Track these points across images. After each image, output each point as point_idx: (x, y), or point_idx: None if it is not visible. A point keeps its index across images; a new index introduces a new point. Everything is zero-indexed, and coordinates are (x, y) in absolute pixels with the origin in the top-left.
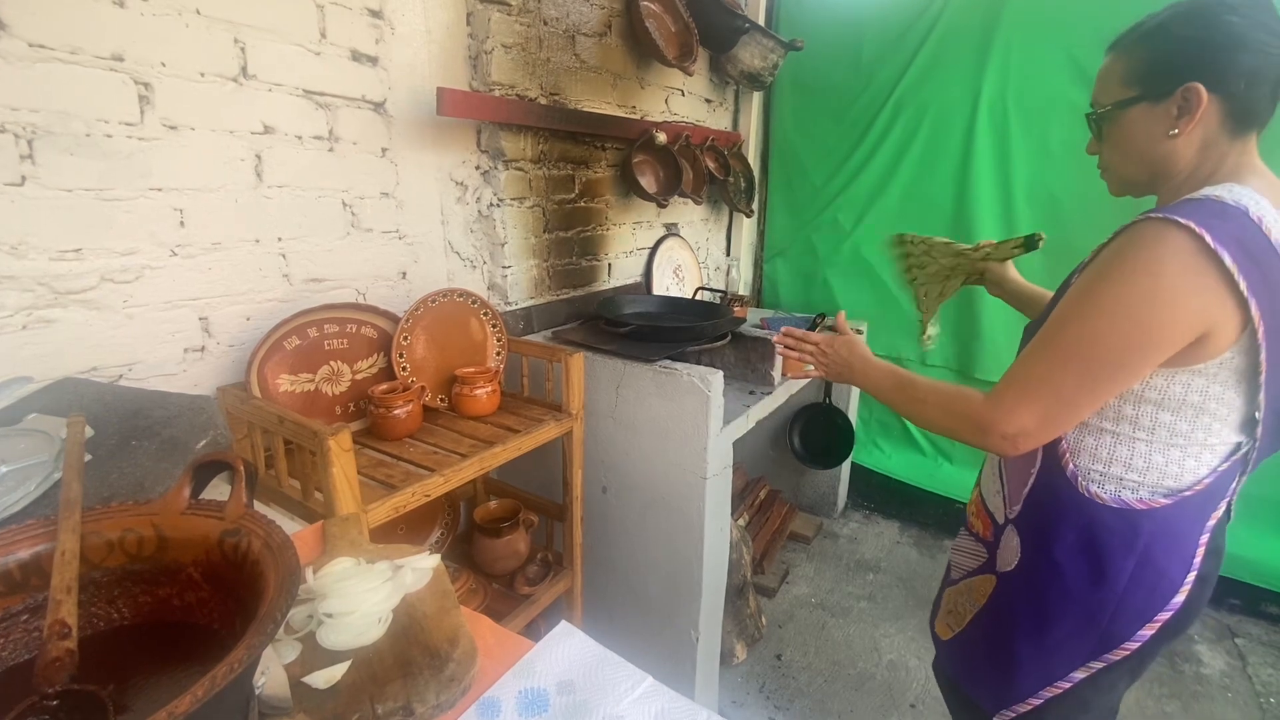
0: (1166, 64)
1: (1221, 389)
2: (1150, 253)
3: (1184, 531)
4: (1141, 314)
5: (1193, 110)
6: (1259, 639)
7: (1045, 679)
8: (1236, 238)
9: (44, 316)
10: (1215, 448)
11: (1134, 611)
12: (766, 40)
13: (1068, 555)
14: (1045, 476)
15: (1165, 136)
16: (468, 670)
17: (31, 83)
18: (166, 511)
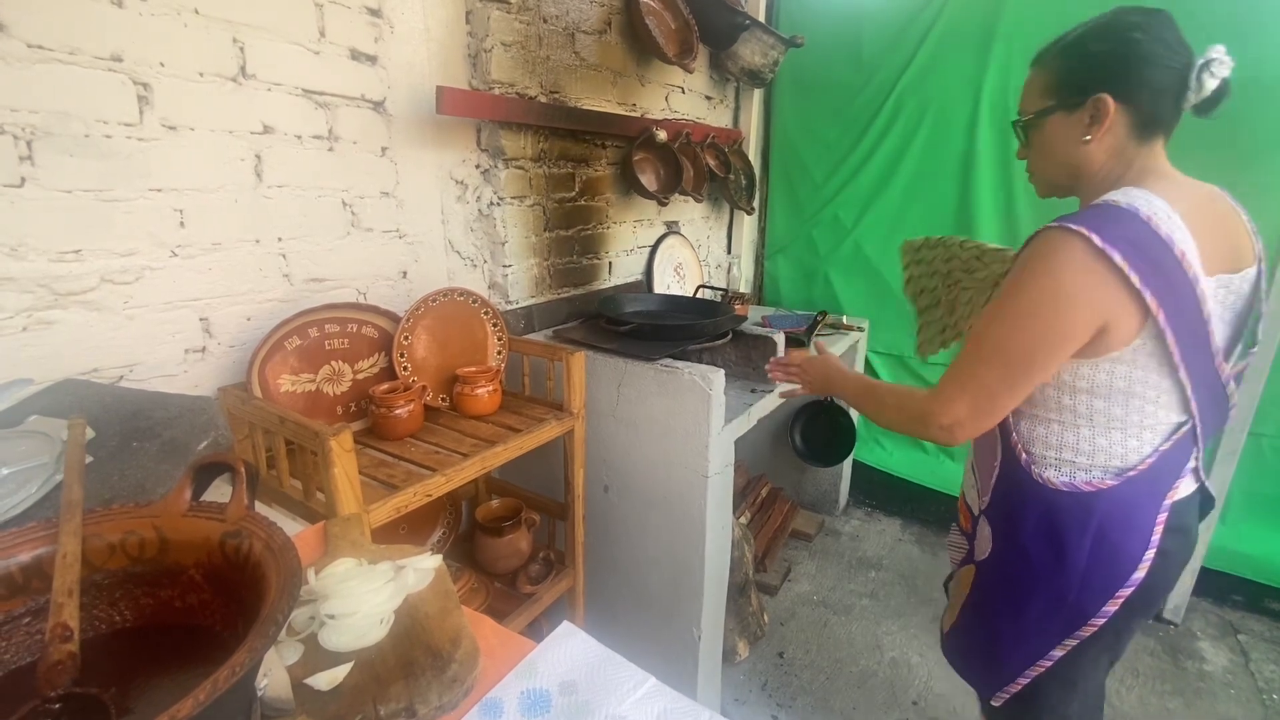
0: (1079, 77)
1: (1144, 373)
2: (1049, 259)
3: (1138, 509)
4: (1045, 314)
5: (1102, 119)
6: (1261, 635)
7: (1027, 659)
8: (1126, 237)
9: (44, 318)
10: (1155, 427)
11: (1096, 588)
12: (767, 37)
13: (1031, 539)
14: (1006, 467)
15: (1080, 142)
16: (470, 671)
17: (30, 83)
18: (168, 513)
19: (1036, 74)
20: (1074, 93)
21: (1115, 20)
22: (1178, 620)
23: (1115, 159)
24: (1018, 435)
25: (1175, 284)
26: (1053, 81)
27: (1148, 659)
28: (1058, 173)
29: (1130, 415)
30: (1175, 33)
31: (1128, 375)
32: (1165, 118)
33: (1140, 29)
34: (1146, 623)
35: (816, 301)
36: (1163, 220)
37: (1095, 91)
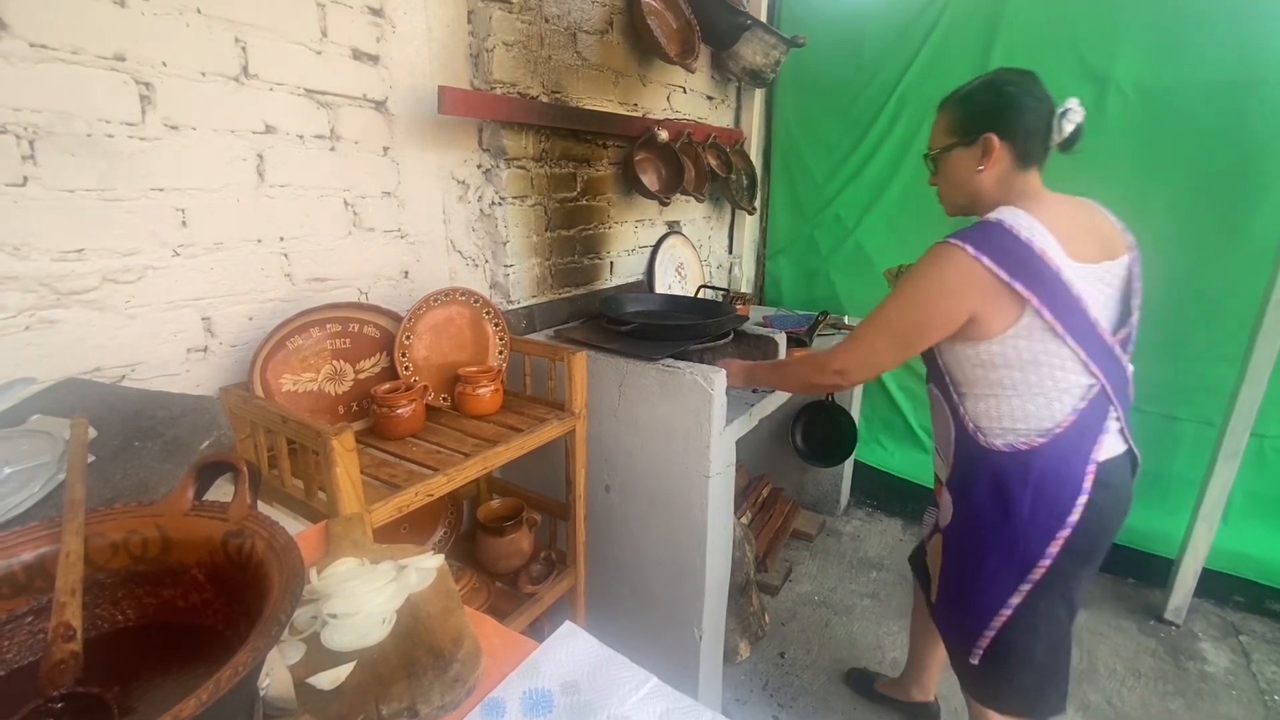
0: (971, 120)
1: (1041, 344)
2: (935, 263)
3: (1067, 463)
4: (927, 302)
5: (990, 153)
6: (1263, 636)
7: (991, 608)
8: (993, 244)
9: (46, 317)
10: (1070, 390)
11: (1039, 534)
12: (769, 37)
13: (983, 498)
14: (960, 439)
15: (974, 172)
16: (472, 671)
17: (33, 83)
18: (170, 513)
19: (941, 118)
20: (969, 133)
21: (997, 78)
22: (1179, 621)
23: (1001, 184)
24: (965, 411)
25: (1041, 273)
26: (953, 124)
27: (1149, 660)
28: (959, 196)
29: (1045, 381)
30: (1041, 88)
31: (1029, 348)
32: (1036, 153)
33: (1015, 84)
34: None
35: (818, 301)
36: (1024, 229)
37: (984, 132)
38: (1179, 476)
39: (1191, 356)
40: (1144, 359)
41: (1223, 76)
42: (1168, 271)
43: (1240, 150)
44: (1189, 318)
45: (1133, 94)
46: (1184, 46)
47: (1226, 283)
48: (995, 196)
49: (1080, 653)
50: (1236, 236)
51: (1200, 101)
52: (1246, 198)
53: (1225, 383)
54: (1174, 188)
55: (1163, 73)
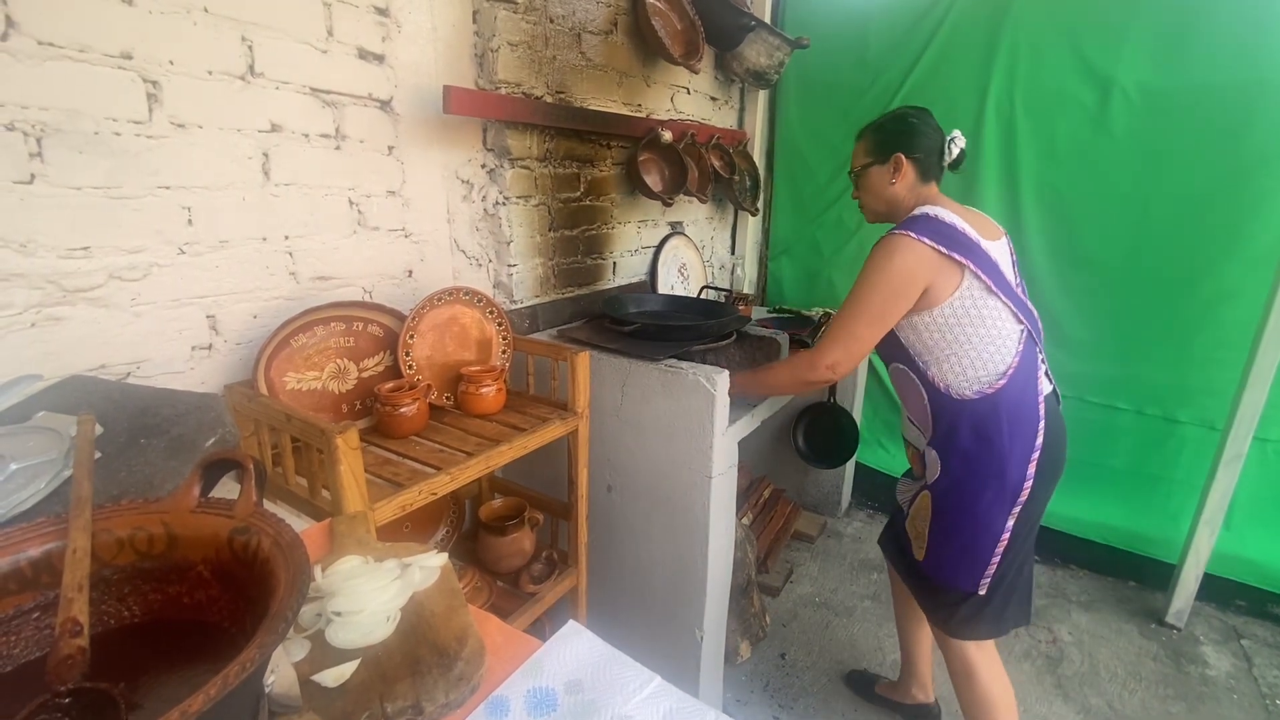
0: (884, 144)
1: (981, 300)
2: (889, 249)
3: (1024, 397)
4: (889, 283)
5: (900, 169)
6: (1265, 640)
7: (993, 540)
8: (929, 229)
9: (52, 314)
10: (1009, 336)
11: (1019, 458)
12: (772, 38)
13: (969, 442)
14: (935, 402)
15: (888, 185)
16: (476, 669)
17: (41, 81)
18: (176, 509)
19: (859, 144)
20: (882, 154)
21: (901, 112)
22: (1181, 625)
23: (910, 193)
24: (933, 375)
25: (968, 246)
26: (869, 147)
27: (1150, 663)
28: (878, 205)
29: (990, 331)
30: (934, 121)
31: (973, 305)
32: (934, 170)
33: (915, 117)
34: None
35: (820, 303)
36: (946, 216)
37: (894, 152)
38: (1181, 480)
39: (1194, 359)
40: (1146, 361)
41: (1227, 79)
42: (1170, 274)
43: (1244, 153)
44: (1191, 320)
45: (1136, 96)
46: (1188, 48)
47: (1229, 285)
48: (907, 203)
49: (1082, 656)
50: (1240, 239)
51: (1204, 104)
52: (1250, 200)
53: (1228, 386)
54: (1177, 190)
55: (1166, 75)
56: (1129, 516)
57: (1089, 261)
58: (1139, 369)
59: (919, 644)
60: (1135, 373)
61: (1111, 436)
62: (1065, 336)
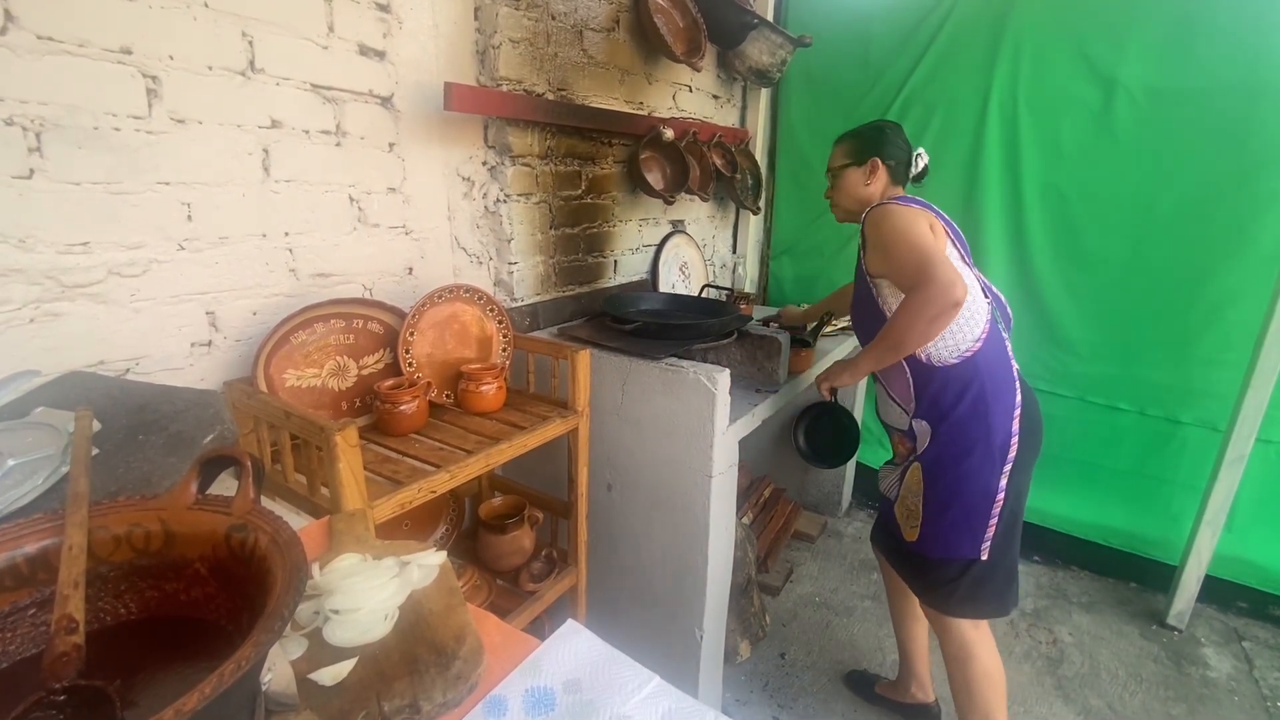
0: (862, 148)
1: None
2: (884, 211)
3: (999, 358)
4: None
5: (875, 172)
6: (1266, 642)
7: (990, 499)
8: (907, 201)
9: (51, 310)
10: (981, 308)
11: (1001, 413)
12: (775, 36)
13: (954, 405)
14: (918, 375)
15: (863, 185)
16: (474, 668)
17: (40, 75)
18: (173, 506)
19: (838, 147)
20: (860, 157)
21: (878, 123)
22: (1182, 626)
23: (882, 194)
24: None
25: (943, 216)
26: (848, 150)
27: (1151, 665)
28: (850, 204)
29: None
30: (904, 135)
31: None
32: (901, 178)
33: (890, 129)
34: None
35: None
36: (914, 200)
37: (871, 156)
38: (1183, 482)
39: (1197, 361)
40: (1148, 362)
41: (1231, 79)
42: (1173, 275)
43: (1247, 154)
44: (1194, 322)
45: (1140, 97)
46: (1192, 49)
47: (1233, 287)
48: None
49: (1082, 657)
50: (1243, 241)
51: (1208, 104)
52: (1254, 202)
53: (1230, 388)
54: (1181, 191)
55: (1170, 76)
56: (1130, 518)
57: (1092, 262)
58: (1141, 370)
59: (916, 643)
60: (1138, 374)
61: (1114, 438)
62: (1068, 337)
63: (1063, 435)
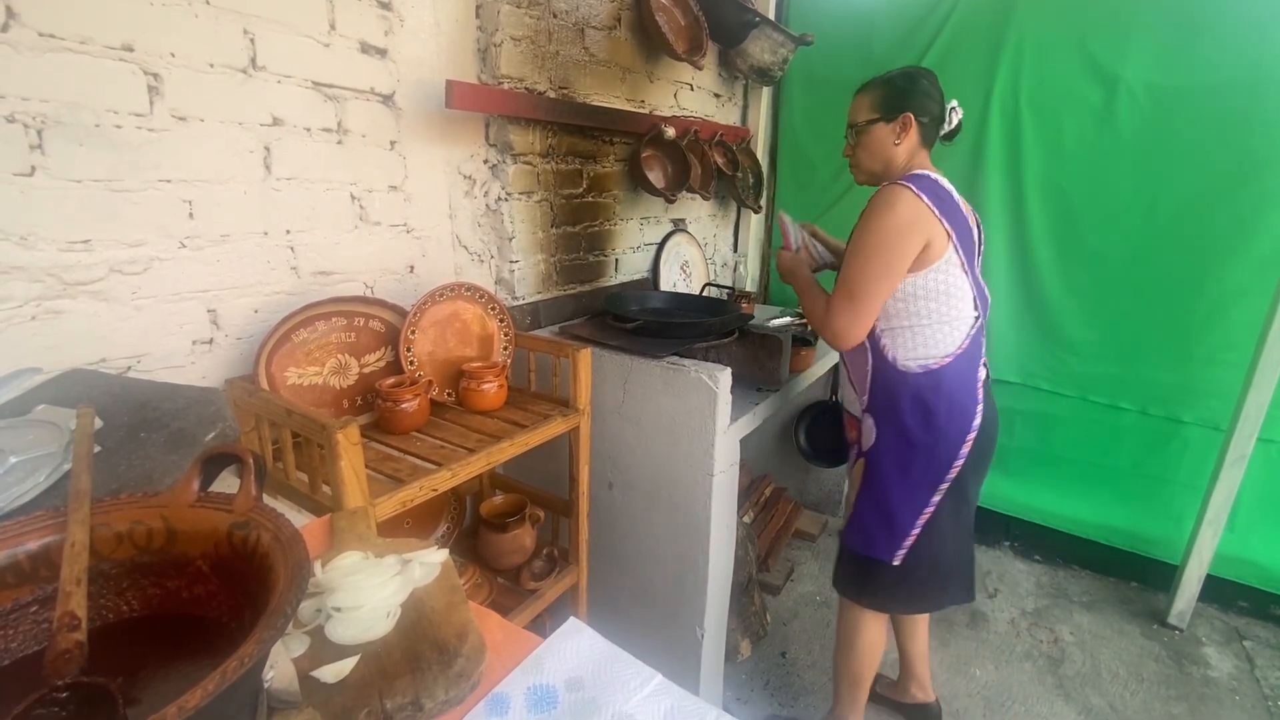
0: (893, 101)
1: (954, 278)
2: (890, 201)
3: (966, 378)
4: (891, 235)
5: (908, 129)
6: (1267, 642)
7: (916, 511)
8: (929, 189)
9: (53, 307)
10: (964, 321)
11: (953, 439)
12: (776, 35)
13: (906, 414)
14: (878, 370)
15: (892, 144)
16: (476, 666)
17: (41, 72)
18: (175, 504)
19: (863, 97)
20: (891, 111)
21: (910, 71)
22: (1183, 626)
23: (909, 157)
24: (885, 344)
25: (956, 217)
26: (877, 102)
27: (1152, 664)
28: (875, 164)
29: (949, 311)
30: (938, 86)
31: (945, 280)
32: (933, 136)
33: (925, 78)
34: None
35: None
36: (944, 181)
37: (904, 111)
38: (1184, 481)
39: (1199, 360)
40: (1150, 361)
41: (1233, 78)
42: (1176, 273)
43: (1250, 152)
44: (1196, 321)
45: (1143, 94)
46: (1194, 47)
47: (1235, 286)
48: (902, 166)
49: (1083, 656)
50: (1246, 239)
51: (1210, 103)
52: (1256, 200)
53: (1232, 387)
54: (1183, 189)
55: (1173, 73)
56: (1131, 517)
57: (1094, 260)
58: (1143, 369)
59: (916, 644)
60: (1139, 373)
61: (1115, 437)
62: (1069, 336)
63: (1064, 434)
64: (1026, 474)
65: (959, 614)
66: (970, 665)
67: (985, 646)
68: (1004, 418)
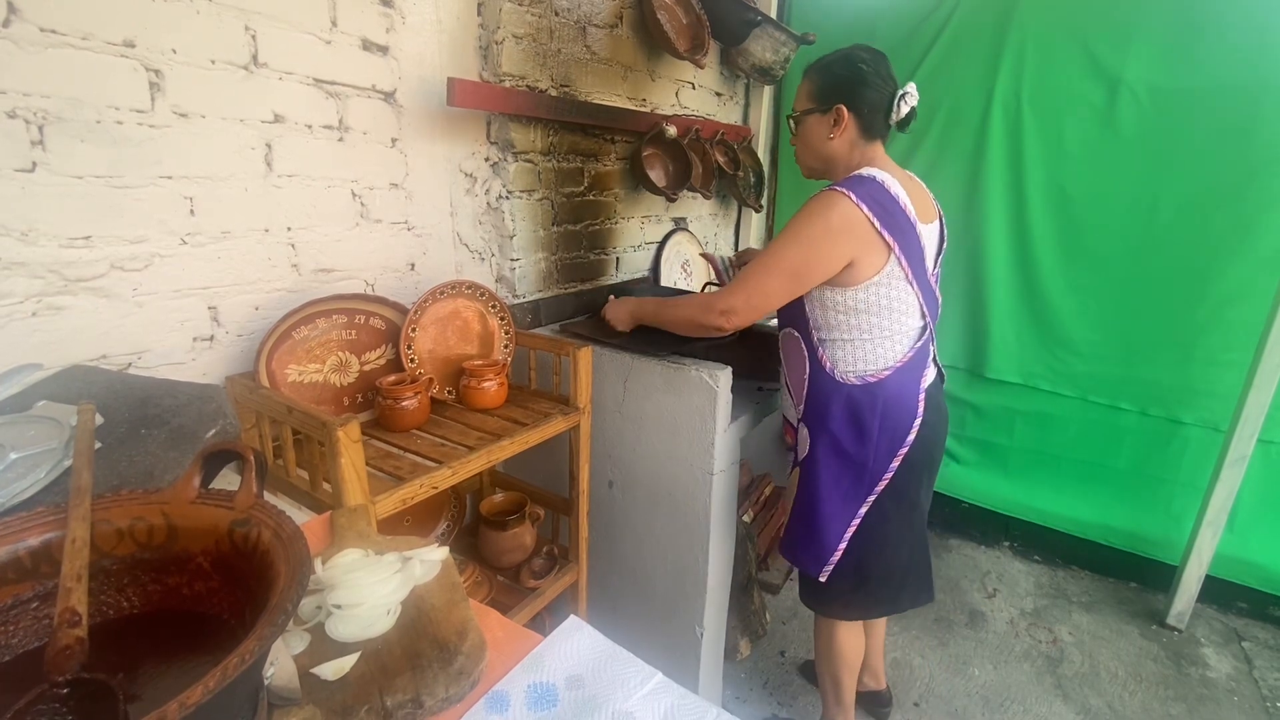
0: (827, 90)
1: (897, 292)
2: (824, 205)
3: (905, 391)
4: (815, 243)
5: (841, 122)
6: (1265, 643)
7: (843, 525)
8: (871, 195)
9: (53, 304)
10: (908, 333)
11: (885, 452)
12: (778, 34)
13: (839, 426)
14: (815, 378)
15: (826, 139)
16: (476, 664)
17: (43, 68)
18: (176, 500)
19: (803, 83)
20: (824, 101)
21: (852, 53)
22: (1182, 626)
23: (851, 151)
24: (824, 354)
25: (903, 226)
26: (812, 90)
27: (1151, 665)
28: (813, 160)
29: (892, 325)
30: (888, 68)
31: (887, 295)
32: (879, 128)
33: (865, 62)
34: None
35: None
36: (891, 185)
37: (836, 102)
38: (1184, 482)
39: (1199, 361)
40: (1150, 361)
41: (1235, 79)
42: (1176, 274)
43: (1252, 153)
44: (1197, 321)
45: (1145, 95)
46: (1196, 49)
47: (1236, 287)
48: (845, 161)
49: (1082, 656)
50: (1247, 240)
51: (1212, 104)
52: (1257, 202)
53: (1232, 388)
54: (1184, 190)
55: (1175, 74)
56: (1131, 517)
57: (1094, 261)
58: (1143, 370)
59: (872, 638)
60: (1139, 373)
61: (1115, 437)
62: (1070, 336)
63: (1064, 435)
64: (1026, 474)
65: (958, 614)
66: (969, 665)
67: (984, 646)
68: (1005, 417)
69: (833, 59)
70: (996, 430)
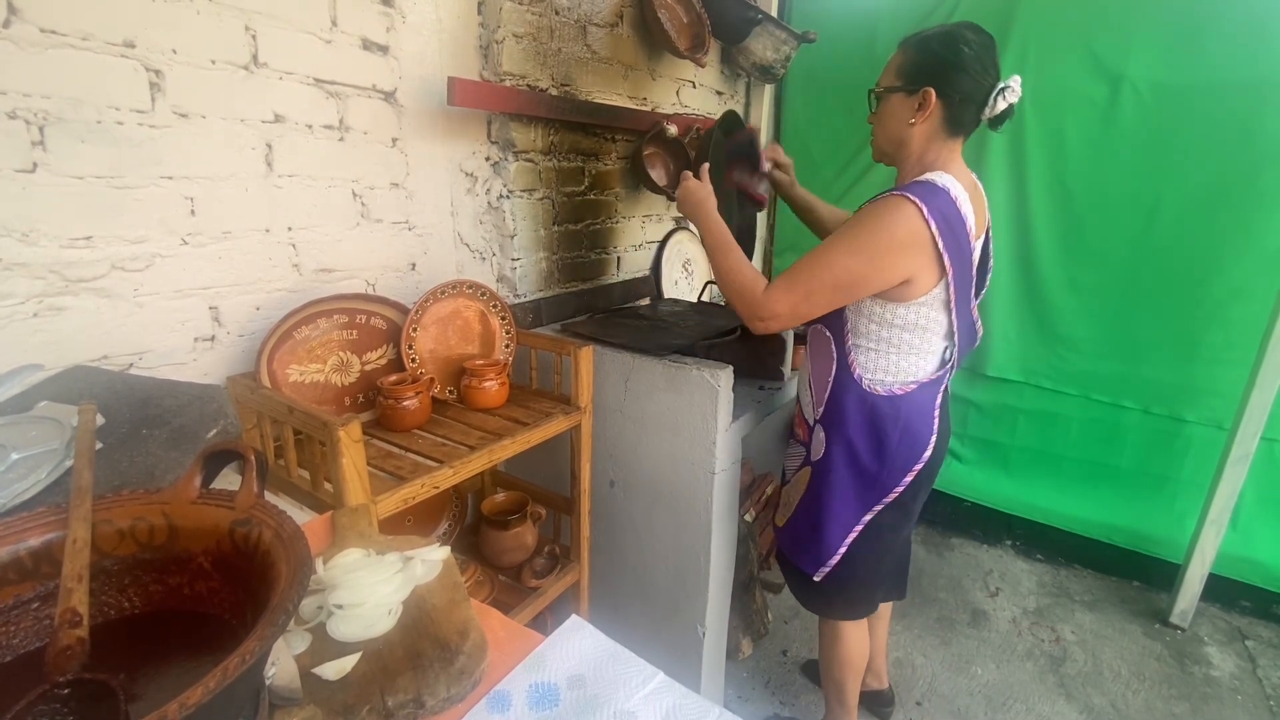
0: (918, 68)
1: (934, 312)
2: (888, 215)
3: (925, 406)
4: (874, 255)
5: (926, 107)
6: (1269, 642)
7: (845, 529)
8: (942, 211)
9: (54, 304)
10: (935, 352)
11: (901, 465)
12: (779, 32)
13: (858, 434)
14: (839, 381)
15: (907, 123)
16: (478, 663)
17: (43, 69)
18: (177, 500)
19: (897, 55)
20: (913, 81)
21: (955, 30)
22: (1185, 625)
23: (928, 145)
24: (853, 360)
25: (962, 249)
26: (903, 66)
27: (1154, 663)
28: (887, 144)
29: (923, 344)
30: (993, 56)
31: (926, 315)
32: (967, 122)
33: (969, 43)
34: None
35: None
36: (961, 200)
37: (925, 84)
38: (1187, 480)
39: (1202, 359)
40: (1153, 360)
41: (1238, 77)
42: (1179, 272)
43: (1254, 152)
44: (1200, 319)
45: (1147, 93)
46: (1199, 46)
47: (1239, 284)
48: (918, 155)
49: (1085, 655)
50: (1249, 238)
51: (1215, 102)
52: (1260, 199)
53: (1235, 386)
54: (1187, 188)
55: (1177, 72)
56: (1134, 516)
57: (1097, 259)
58: (1146, 368)
59: (874, 638)
60: (1142, 372)
61: (1117, 436)
62: (1072, 334)
63: (1066, 433)
64: (1028, 472)
65: (960, 613)
66: (972, 664)
67: (987, 645)
68: (1006, 416)
69: (933, 34)
70: (998, 429)
